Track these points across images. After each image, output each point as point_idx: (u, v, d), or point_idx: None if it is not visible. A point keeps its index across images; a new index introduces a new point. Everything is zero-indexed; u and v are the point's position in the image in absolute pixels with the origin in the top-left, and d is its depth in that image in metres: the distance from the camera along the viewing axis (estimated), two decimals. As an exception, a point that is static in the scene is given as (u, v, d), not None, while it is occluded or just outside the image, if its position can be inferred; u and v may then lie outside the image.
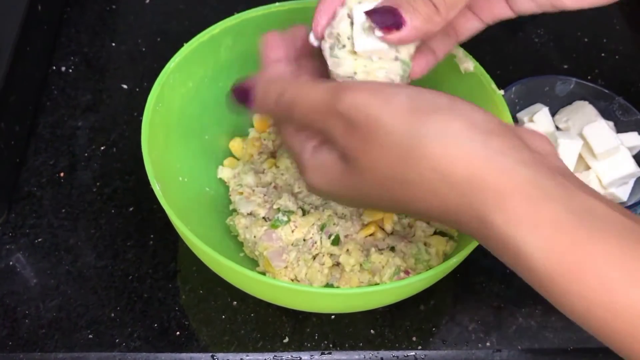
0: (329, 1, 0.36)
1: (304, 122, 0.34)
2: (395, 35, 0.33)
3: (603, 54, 0.67)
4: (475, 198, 0.28)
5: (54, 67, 0.62)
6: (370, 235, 0.48)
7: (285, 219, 0.46)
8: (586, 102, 0.56)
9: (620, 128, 0.55)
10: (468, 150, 0.29)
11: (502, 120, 0.32)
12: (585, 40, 0.68)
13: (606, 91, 0.55)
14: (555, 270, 0.27)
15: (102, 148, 0.56)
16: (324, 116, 0.33)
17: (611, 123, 0.55)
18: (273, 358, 0.46)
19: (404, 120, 0.30)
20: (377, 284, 0.45)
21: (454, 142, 0.29)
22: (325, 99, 0.32)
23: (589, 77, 0.64)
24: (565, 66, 0.66)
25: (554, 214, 0.27)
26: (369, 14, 0.34)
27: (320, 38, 0.37)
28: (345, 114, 0.31)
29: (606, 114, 0.55)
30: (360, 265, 0.46)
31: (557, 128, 0.55)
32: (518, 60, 0.66)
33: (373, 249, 0.46)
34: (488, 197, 0.28)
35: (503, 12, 0.40)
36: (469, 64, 0.46)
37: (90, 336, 0.46)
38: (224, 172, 0.51)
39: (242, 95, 0.38)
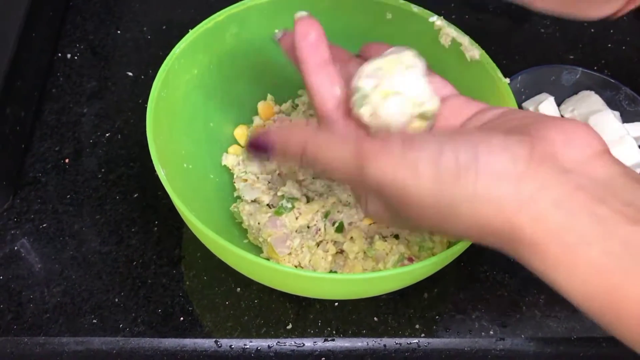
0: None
1: (335, 179, 0.36)
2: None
3: (610, 45, 0.67)
4: (512, 246, 0.29)
5: (60, 54, 0.62)
6: (374, 222, 0.48)
7: (289, 205, 0.46)
8: (592, 92, 0.56)
9: (627, 118, 0.55)
10: (498, 205, 0.28)
11: (533, 146, 0.29)
12: (592, 30, 0.68)
13: (612, 81, 0.55)
14: (596, 309, 0.27)
15: (107, 135, 0.57)
16: (354, 182, 0.34)
17: (617, 113, 0.55)
18: (276, 344, 0.46)
19: (431, 193, 0.29)
20: (380, 270, 0.45)
21: (484, 200, 0.28)
22: (350, 168, 0.32)
23: (595, 68, 0.64)
24: (572, 56, 0.65)
25: (590, 259, 0.27)
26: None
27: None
28: (373, 184, 0.31)
29: (612, 104, 0.55)
30: (364, 252, 0.46)
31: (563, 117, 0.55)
32: (524, 51, 0.65)
33: (377, 237, 0.46)
34: (524, 245, 0.28)
35: None
36: (474, 52, 0.46)
37: (95, 321, 0.46)
38: (229, 159, 0.51)
39: (260, 149, 0.36)
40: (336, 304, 0.48)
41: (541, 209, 0.27)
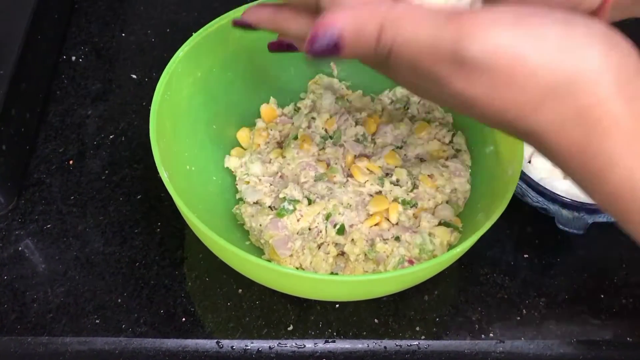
0: None
1: (413, 69, 0.28)
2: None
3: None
4: (606, 139, 0.26)
5: (65, 57, 0.63)
6: (375, 225, 0.48)
7: (291, 208, 0.47)
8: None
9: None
10: (610, 91, 0.26)
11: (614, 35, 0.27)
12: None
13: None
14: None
15: (111, 137, 0.57)
16: (437, 64, 0.27)
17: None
18: (277, 345, 0.46)
19: (551, 66, 0.26)
20: (381, 272, 0.46)
21: (602, 84, 0.26)
22: (445, 46, 0.27)
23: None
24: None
25: None
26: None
27: None
28: (478, 60, 0.26)
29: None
30: (365, 254, 0.46)
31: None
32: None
33: (378, 239, 0.46)
34: (623, 140, 0.26)
35: None
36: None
37: (97, 321, 0.47)
38: (231, 162, 0.52)
39: (329, 44, 0.28)
40: (337, 305, 0.48)
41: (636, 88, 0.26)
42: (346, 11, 0.28)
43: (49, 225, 0.51)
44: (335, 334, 0.47)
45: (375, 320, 0.48)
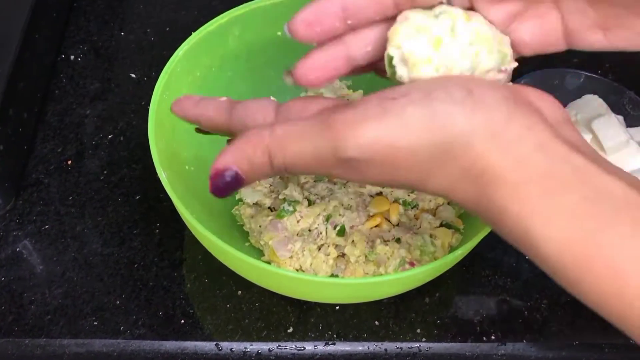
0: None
1: (322, 174, 0.32)
2: None
3: (614, 48, 0.66)
4: (490, 189, 0.28)
5: (63, 55, 0.62)
6: (376, 226, 0.48)
7: (290, 209, 0.46)
8: (596, 96, 0.55)
9: (631, 122, 0.54)
10: (488, 144, 0.28)
11: (515, 91, 0.29)
12: (597, 34, 0.68)
13: (616, 85, 0.55)
14: (568, 261, 0.27)
15: (110, 136, 0.57)
16: (328, 168, 0.30)
17: (621, 117, 0.54)
18: (277, 348, 0.46)
19: (424, 143, 0.28)
20: (382, 275, 0.45)
21: (476, 140, 0.28)
22: (326, 154, 0.29)
23: (599, 71, 0.63)
24: (575, 60, 0.65)
25: (569, 205, 0.27)
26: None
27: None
28: (356, 159, 0.28)
29: (616, 108, 0.55)
30: (366, 256, 0.46)
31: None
32: (528, 54, 0.65)
33: (378, 240, 0.46)
34: (505, 188, 0.28)
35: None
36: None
37: (95, 323, 0.46)
38: (231, 162, 0.51)
39: (230, 181, 0.31)
40: (337, 307, 0.48)
41: (525, 152, 0.27)
42: (233, 151, 0.31)
43: (47, 226, 0.51)
44: (335, 336, 0.47)
45: (376, 323, 0.47)
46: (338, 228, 0.47)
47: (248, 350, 0.46)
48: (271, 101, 0.34)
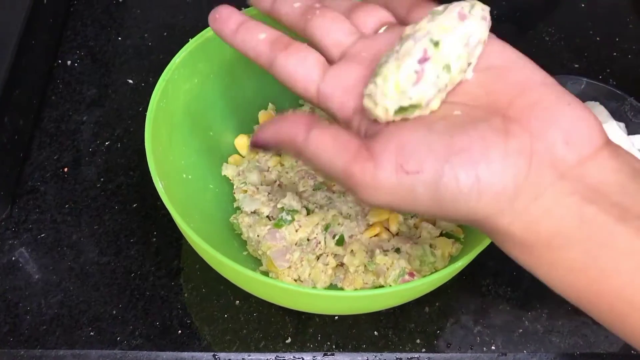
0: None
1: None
2: None
3: (615, 53, 0.66)
4: (499, 239, 0.30)
5: (60, 61, 0.62)
6: (375, 236, 0.47)
7: (289, 218, 0.46)
8: (597, 103, 0.55)
9: (632, 129, 0.54)
10: (494, 217, 0.29)
11: (532, 152, 0.28)
12: (597, 39, 0.67)
13: (618, 92, 0.55)
14: (575, 299, 0.29)
15: (107, 143, 0.56)
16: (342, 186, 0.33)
17: (622, 124, 0.54)
18: (275, 358, 0.46)
19: (430, 211, 0.30)
20: (381, 285, 0.45)
21: (481, 215, 0.29)
22: (342, 183, 0.31)
23: (600, 77, 0.63)
24: (576, 65, 0.65)
25: (570, 258, 0.28)
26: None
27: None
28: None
29: (617, 115, 0.54)
30: (365, 266, 0.46)
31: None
32: (528, 59, 0.65)
33: (378, 250, 0.45)
34: (513, 243, 0.30)
35: None
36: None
37: (92, 333, 0.46)
38: (229, 170, 0.51)
39: (260, 147, 0.34)
40: (336, 317, 0.47)
41: (533, 218, 0.28)
42: (271, 131, 0.33)
43: (43, 235, 0.51)
44: (334, 346, 0.46)
45: (375, 333, 0.47)
46: (337, 237, 0.46)
47: (246, 361, 0.46)
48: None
